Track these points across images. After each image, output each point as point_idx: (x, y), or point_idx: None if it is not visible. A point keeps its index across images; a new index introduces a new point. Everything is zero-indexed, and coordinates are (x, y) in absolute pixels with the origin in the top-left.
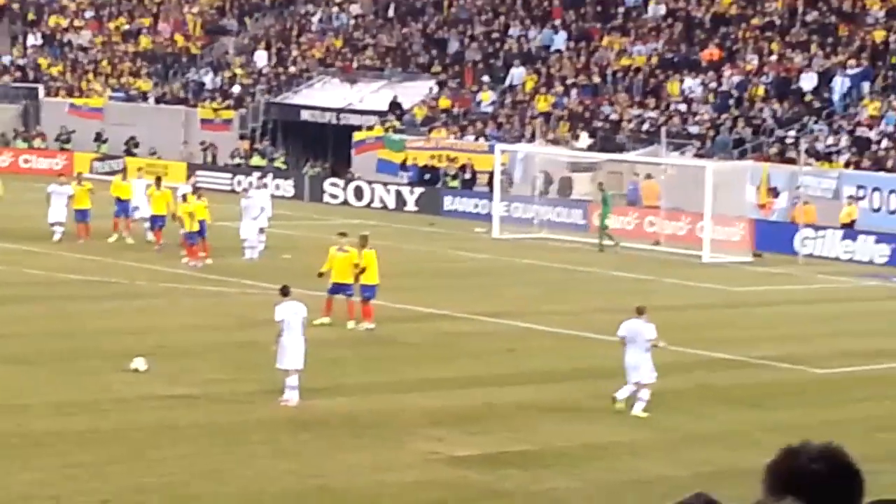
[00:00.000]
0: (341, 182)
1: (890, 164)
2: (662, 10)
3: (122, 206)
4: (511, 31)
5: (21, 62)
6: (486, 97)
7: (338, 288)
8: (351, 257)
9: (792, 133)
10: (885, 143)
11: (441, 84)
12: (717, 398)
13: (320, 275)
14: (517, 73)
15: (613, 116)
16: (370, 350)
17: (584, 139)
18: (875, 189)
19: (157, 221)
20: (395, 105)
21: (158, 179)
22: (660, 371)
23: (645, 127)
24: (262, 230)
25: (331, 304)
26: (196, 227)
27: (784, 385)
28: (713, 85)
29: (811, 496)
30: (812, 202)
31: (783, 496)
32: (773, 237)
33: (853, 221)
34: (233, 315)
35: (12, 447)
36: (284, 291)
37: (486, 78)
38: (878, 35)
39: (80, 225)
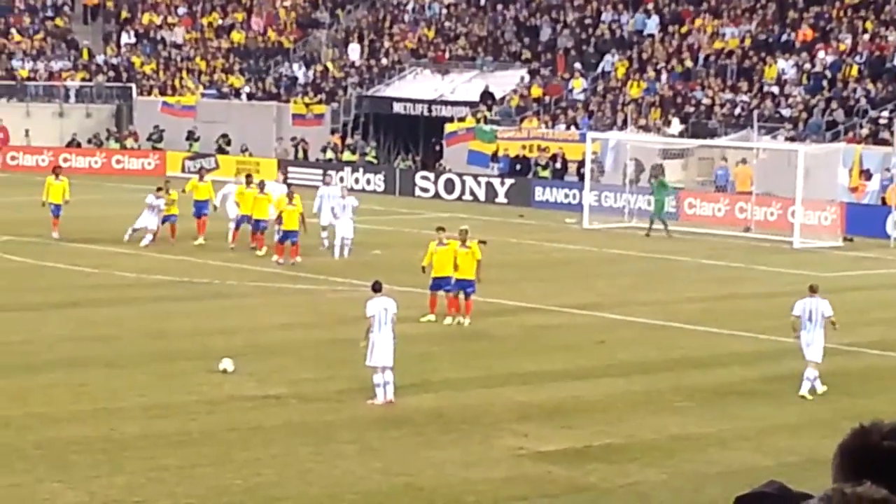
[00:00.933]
0: (432, 175)
1: None
2: None
3: (200, 206)
4: (603, 17)
5: (114, 61)
6: (578, 84)
7: (439, 283)
8: (451, 251)
9: (885, 114)
10: None
11: (533, 72)
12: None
13: (423, 269)
14: (609, 60)
15: (705, 101)
16: (459, 345)
17: (676, 125)
18: None
19: (242, 221)
20: (487, 94)
21: (249, 177)
22: (750, 360)
23: (737, 111)
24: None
25: (435, 300)
26: (294, 226)
27: (874, 372)
28: (806, 66)
29: (884, 475)
30: None
31: (856, 477)
32: (864, 220)
33: None
34: (322, 313)
35: (103, 452)
36: (376, 287)
37: (577, 65)
38: None
39: (171, 226)
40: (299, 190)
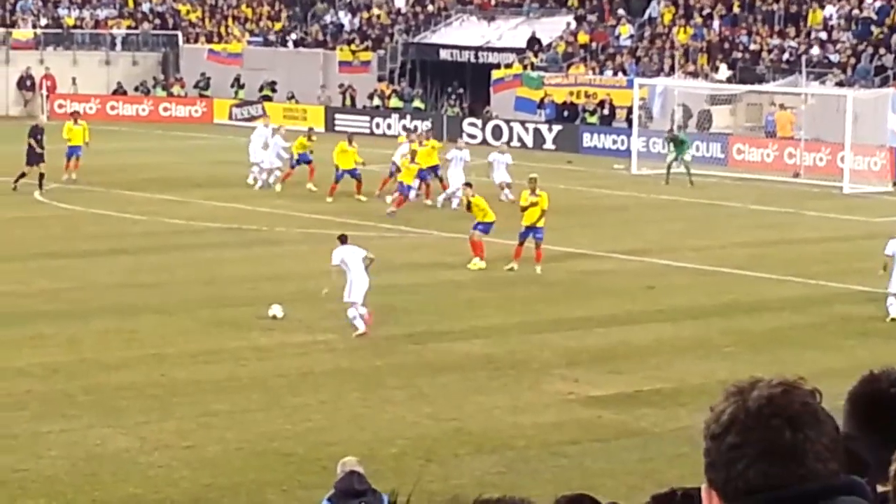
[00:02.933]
0: (479, 122)
1: None
2: None
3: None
4: None
5: (160, 9)
6: (625, 31)
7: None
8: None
9: None
10: None
11: (579, 19)
12: (856, 331)
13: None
14: (655, 6)
15: (753, 47)
16: (508, 291)
17: (724, 71)
18: None
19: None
20: (533, 41)
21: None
22: (799, 305)
23: (785, 57)
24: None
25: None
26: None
27: None
28: (854, 12)
29: (893, 421)
30: None
31: (866, 424)
32: None
33: None
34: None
35: (153, 397)
36: (342, 239)
37: (623, 11)
38: None
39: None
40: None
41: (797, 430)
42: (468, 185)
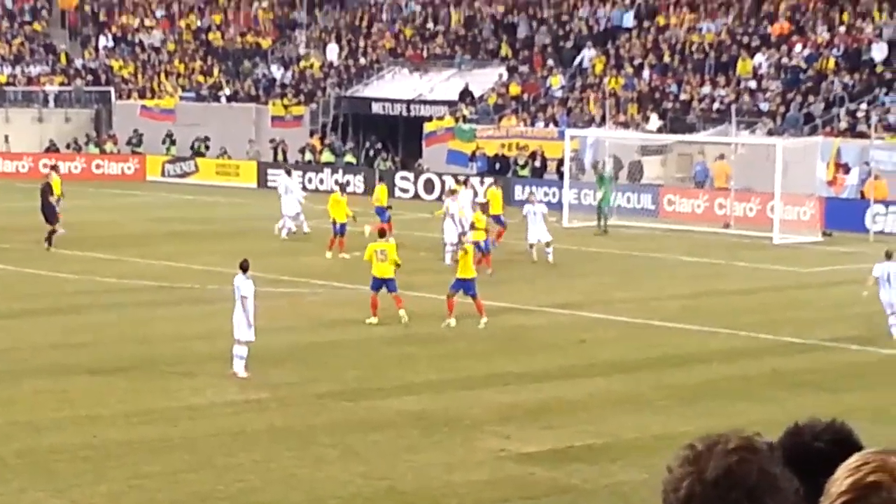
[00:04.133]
0: (411, 175)
1: None
2: None
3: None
4: (580, 12)
5: (92, 65)
6: (556, 81)
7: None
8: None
9: (863, 106)
10: None
11: (511, 70)
12: (786, 383)
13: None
14: (587, 55)
15: (683, 96)
16: (440, 347)
17: (654, 121)
18: None
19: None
20: (466, 93)
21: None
22: (730, 357)
23: (715, 106)
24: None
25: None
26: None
27: (854, 367)
28: (783, 60)
29: (816, 474)
30: (882, 177)
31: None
32: (843, 215)
33: None
34: (304, 316)
35: (85, 459)
36: (243, 266)
37: (554, 62)
38: None
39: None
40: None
41: (756, 501)
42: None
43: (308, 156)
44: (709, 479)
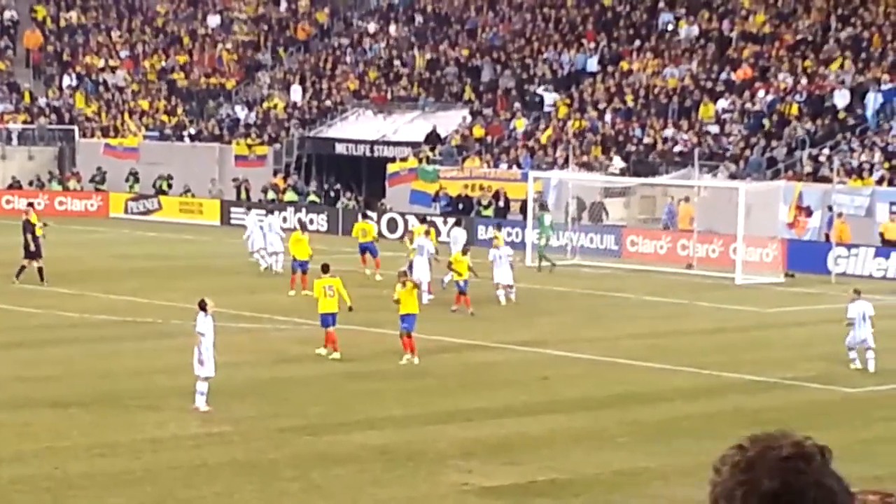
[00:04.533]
0: (374, 215)
1: None
2: (695, 30)
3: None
4: (544, 56)
5: (56, 104)
6: (521, 124)
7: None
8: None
9: (826, 151)
10: None
11: (475, 112)
12: (749, 421)
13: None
14: (549, 98)
15: (646, 140)
16: (403, 382)
17: (618, 162)
18: None
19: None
20: (434, 136)
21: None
22: (693, 395)
23: (678, 149)
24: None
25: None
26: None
27: (816, 405)
28: (747, 105)
29: None
30: (846, 220)
31: None
32: (805, 256)
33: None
34: (265, 351)
35: (46, 491)
36: (202, 305)
37: (518, 104)
38: None
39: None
40: (241, 230)
41: None
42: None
43: (271, 195)
44: (764, 492)
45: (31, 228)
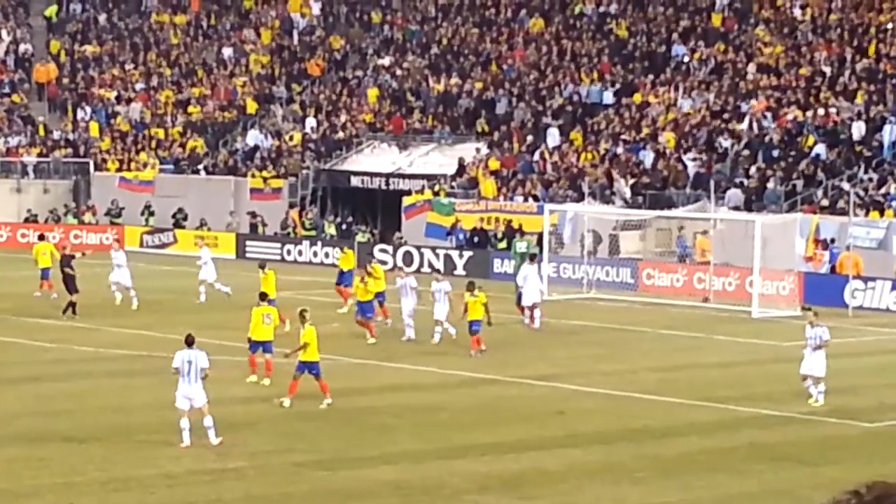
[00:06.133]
0: (390, 248)
1: None
2: (711, 62)
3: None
4: (560, 88)
5: (71, 136)
6: (536, 156)
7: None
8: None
9: (845, 185)
10: None
11: (490, 145)
12: (764, 456)
13: None
14: (563, 130)
15: (661, 172)
16: (418, 417)
17: (624, 189)
18: None
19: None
20: (461, 168)
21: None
22: (709, 429)
23: (692, 176)
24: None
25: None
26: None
27: (833, 440)
28: (762, 137)
29: None
30: (856, 252)
31: None
32: (822, 290)
33: None
34: (281, 385)
35: None
36: (189, 340)
37: (532, 137)
38: None
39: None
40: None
41: None
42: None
43: (289, 229)
44: None
45: (69, 263)
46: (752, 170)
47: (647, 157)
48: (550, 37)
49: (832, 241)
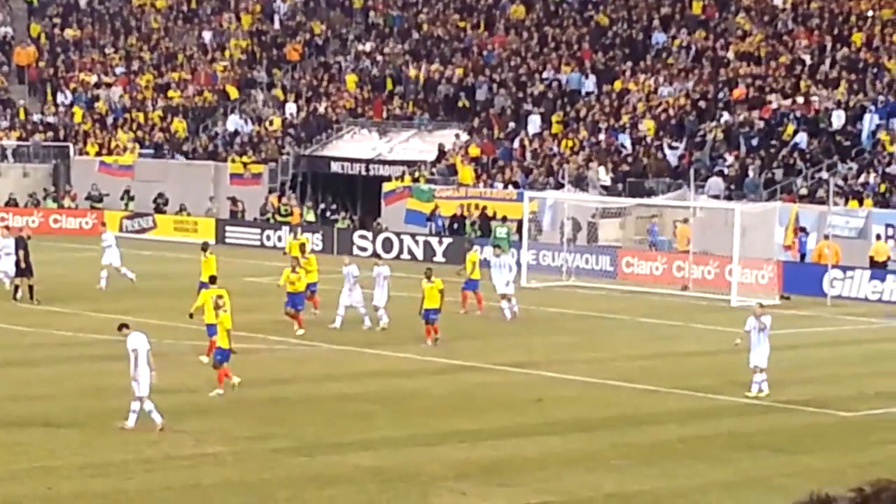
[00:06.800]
0: (370, 234)
1: None
2: (692, 50)
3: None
4: (540, 75)
5: (51, 120)
6: (516, 143)
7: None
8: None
9: (823, 175)
10: None
11: (470, 131)
12: (743, 444)
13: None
14: (544, 118)
15: (640, 159)
16: (397, 403)
17: (603, 175)
18: None
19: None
20: (440, 153)
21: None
22: (687, 417)
23: (672, 166)
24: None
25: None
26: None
27: (811, 429)
28: (742, 125)
29: None
30: (835, 241)
31: None
32: (801, 279)
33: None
34: (259, 371)
35: None
36: (125, 326)
37: (512, 124)
38: None
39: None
40: (236, 249)
41: None
42: None
43: (269, 214)
44: None
45: (25, 245)
46: (731, 158)
47: (627, 143)
48: (531, 23)
49: (803, 229)
